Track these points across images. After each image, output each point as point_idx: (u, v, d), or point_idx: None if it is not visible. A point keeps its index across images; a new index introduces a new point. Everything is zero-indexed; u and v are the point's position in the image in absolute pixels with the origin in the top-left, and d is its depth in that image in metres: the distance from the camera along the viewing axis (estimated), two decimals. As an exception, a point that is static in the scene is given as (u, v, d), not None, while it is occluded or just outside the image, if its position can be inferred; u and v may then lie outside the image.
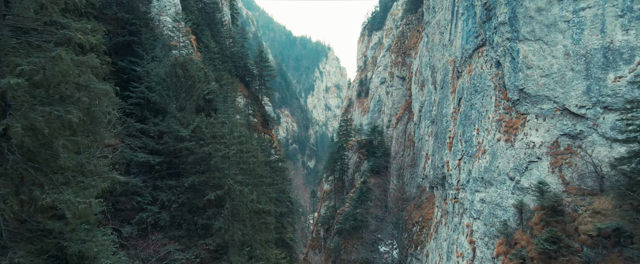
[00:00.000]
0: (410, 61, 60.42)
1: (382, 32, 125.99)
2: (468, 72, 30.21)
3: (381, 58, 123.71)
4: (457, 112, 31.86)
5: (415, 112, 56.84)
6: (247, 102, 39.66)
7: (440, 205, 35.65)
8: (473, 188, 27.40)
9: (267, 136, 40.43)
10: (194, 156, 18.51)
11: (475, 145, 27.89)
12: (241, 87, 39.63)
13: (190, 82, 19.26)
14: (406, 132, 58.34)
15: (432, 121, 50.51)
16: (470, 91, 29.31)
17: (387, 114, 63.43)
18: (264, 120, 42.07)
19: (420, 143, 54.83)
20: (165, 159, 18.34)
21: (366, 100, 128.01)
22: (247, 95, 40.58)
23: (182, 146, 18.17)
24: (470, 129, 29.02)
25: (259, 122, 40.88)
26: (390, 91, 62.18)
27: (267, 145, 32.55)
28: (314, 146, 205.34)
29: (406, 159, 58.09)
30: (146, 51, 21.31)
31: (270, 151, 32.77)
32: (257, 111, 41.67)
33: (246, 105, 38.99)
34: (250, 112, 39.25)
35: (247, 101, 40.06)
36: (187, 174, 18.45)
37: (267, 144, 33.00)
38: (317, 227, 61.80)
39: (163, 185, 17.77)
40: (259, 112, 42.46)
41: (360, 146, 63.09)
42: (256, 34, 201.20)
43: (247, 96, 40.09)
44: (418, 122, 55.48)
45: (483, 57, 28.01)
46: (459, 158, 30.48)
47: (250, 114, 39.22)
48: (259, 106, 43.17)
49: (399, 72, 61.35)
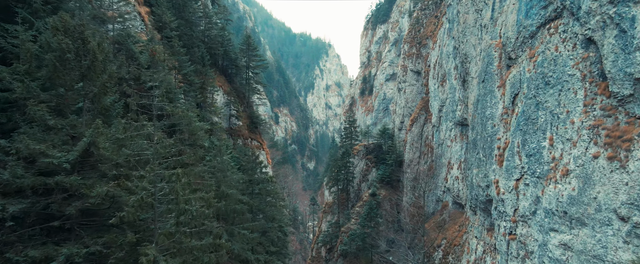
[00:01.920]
0: (427, 52, 51.78)
1: (387, 25, 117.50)
2: (529, 57, 21.64)
3: (387, 53, 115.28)
4: (511, 114, 23.32)
5: (433, 112, 48.29)
6: (228, 100, 31.18)
7: (482, 236, 27.12)
8: (546, 225, 18.90)
9: (255, 143, 31.93)
10: (81, 202, 10.11)
11: (548, 161, 19.35)
12: (221, 80, 31.16)
13: (89, 61, 10.82)
14: (422, 135, 49.77)
15: (456, 122, 42.06)
16: (535, 83, 20.75)
17: (399, 114, 54.83)
18: (252, 123, 33.63)
19: (441, 149, 46.30)
20: (34, 206, 9.87)
21: (370, 98, 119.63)
22: (229, 91, 32.10)
23: (54, 182, 9.64)
24: (536, 138, 20.49)
25: (245, 125, 32.45)
26: (403, 88, 53.57)
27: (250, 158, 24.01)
28: (314, 146, 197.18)
29: (422, 168, 49.56)
30: (38, 16, 12.92)
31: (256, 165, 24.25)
32: (243, 111, 33.19)
33: (227, 104, 30.54)
34: (233, 113, 30.75)
35: (229, 99, 31.55)
36: (73, 236, 10.06)
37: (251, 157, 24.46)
38: (317, 245, 53.30)
39: (22, 260, 9.28)
40: (245, 113, 33.99)
41: (367, 151, 54.53)
42: (254, 30, 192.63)
43: (228, 93, 31.59)
44: (437, 124, 46.95)
45: (558, 34, 19.44)
46: (516, 178, 21.94)
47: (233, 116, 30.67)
48: (245, 105, 34.71)
49: (414, 66, 52.73)
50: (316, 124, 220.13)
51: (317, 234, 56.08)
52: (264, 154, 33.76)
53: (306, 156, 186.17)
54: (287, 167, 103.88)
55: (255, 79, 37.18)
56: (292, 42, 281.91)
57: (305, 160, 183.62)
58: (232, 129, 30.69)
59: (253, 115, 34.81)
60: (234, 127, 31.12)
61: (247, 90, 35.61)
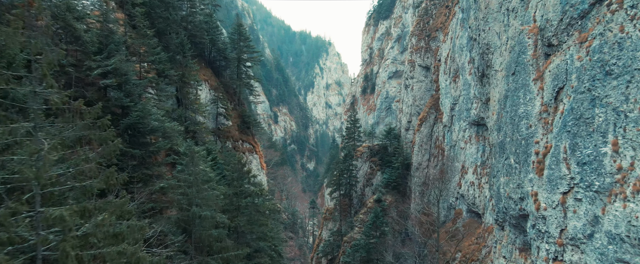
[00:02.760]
0: (436, 46, 47.71)
1: (390, 21, 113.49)
2: (580, 42, 17.60)
3: (389, 50, 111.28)
4: (554, 112, 19.29)
5: (444, 111, 44.26)
6: (215, 97, 27.13)
7: (512, 256, 23.10)
8: (610, 254, 14.88)
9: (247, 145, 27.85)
10: None
11: (611, 172, 15.32)
12: (206, 74, 27.09)
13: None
14: (432, 136, 45.76)
15: (471, 122, 38.05)
16: (590, 73, 16.70)
17: (406, 113, 50.75)
18: (243, 122, 29.53)
19: (453, 151, 42.30)
20: None
21: (372, 97, 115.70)
22: (216, 86, 28.03)
23: None
24: (591, 142, 16.46)
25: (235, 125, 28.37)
26: (410, 84, 49.50)
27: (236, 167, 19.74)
28: (314, 146, 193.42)
29: (432, 171, 45.52)
30: None
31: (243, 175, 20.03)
32: (233, 109, 29.10)
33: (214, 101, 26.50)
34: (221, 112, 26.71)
35: (216, 95, 27.48)
36: None
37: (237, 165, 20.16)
38: (317, 255, 49.30)
39: None
40: (236, 112, 29.89)
41: (371, 153, 50.44)
42: (252, 27, 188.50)
43: (215, 88, 27.52)
44: (449, 124, 42.94)
45: (624, 10, 15.38)
46: (563, 191, 17.92)
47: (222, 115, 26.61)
48: (237, 103, 30.60)
49: (422, 60, 48.64)
50: (316, 124, 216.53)
51: (317, 243, 52.09)
52: (257, 158, 29.59)
53: (306, 156, 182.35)
54: (286, 169, 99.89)
55: (248, 74, 32.95)
56: (291, 40, 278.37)
57: (305, 160, 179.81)
58: (219, 130, 26.56)
59: (245, 114, 30.58)
60: (222, 127, 27.02)
61: (239, 85, 31.29)
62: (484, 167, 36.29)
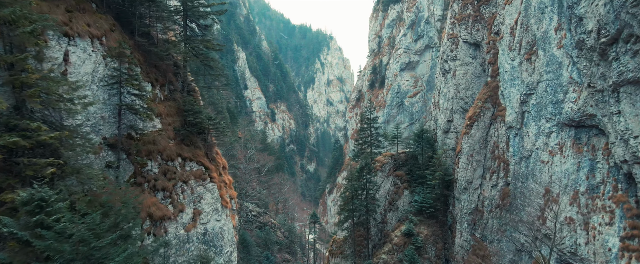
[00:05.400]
0: (492, 12, 33.61)
1: (401, 5, 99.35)
2: None
3: (401, 38, 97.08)
4: None
5: (509, 105, 30.37)
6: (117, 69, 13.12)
7: None
8: None
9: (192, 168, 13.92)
10: None
11: None
12: (95, 20, 13.10)
13: None
14: (488, 142, 31.78)
15: (565, 123, 24.11)
16: None
17: (444, 109, 36.80)
18: (187, 124, 15.25)
19: (527, 165, 28.38)
20: None
21: (381, 91, 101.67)
22: (122, 51, 13.92)
23: None
24: None
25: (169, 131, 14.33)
26: (452, 69, 35.62)
27: None
28: (315, 146, 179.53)
29: (489, 193, 31.61)
30: None
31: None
32: (168, 97, 14.93)
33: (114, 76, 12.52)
34: (133, 101, 12.83)
35: (120, 66, 13.46)
36: None
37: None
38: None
39: None
40: (173, 105, 15.73)
41: (396, 164, 36.62)
42: (248, 18, 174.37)
43: (119, 54, 13.41)
44: (518, 123, 29.09)
45: None
46: None
47: (134, 108, 12.66)
48: (175, 88, 16.34)
49: (469, 34, 34.71)
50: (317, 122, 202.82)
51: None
52: (213, 190, 15.98)
53: (306, 157, 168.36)
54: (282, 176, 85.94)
55: (206, 38, 18.47)
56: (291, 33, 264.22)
57: (305, 161, 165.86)
58: (130, 140, 12.93)
59: (189, 107, 16.39)
60: (136, 134, 13.39)
61: (185, 57, 16.88)
62: (595, 197, 22.41)
